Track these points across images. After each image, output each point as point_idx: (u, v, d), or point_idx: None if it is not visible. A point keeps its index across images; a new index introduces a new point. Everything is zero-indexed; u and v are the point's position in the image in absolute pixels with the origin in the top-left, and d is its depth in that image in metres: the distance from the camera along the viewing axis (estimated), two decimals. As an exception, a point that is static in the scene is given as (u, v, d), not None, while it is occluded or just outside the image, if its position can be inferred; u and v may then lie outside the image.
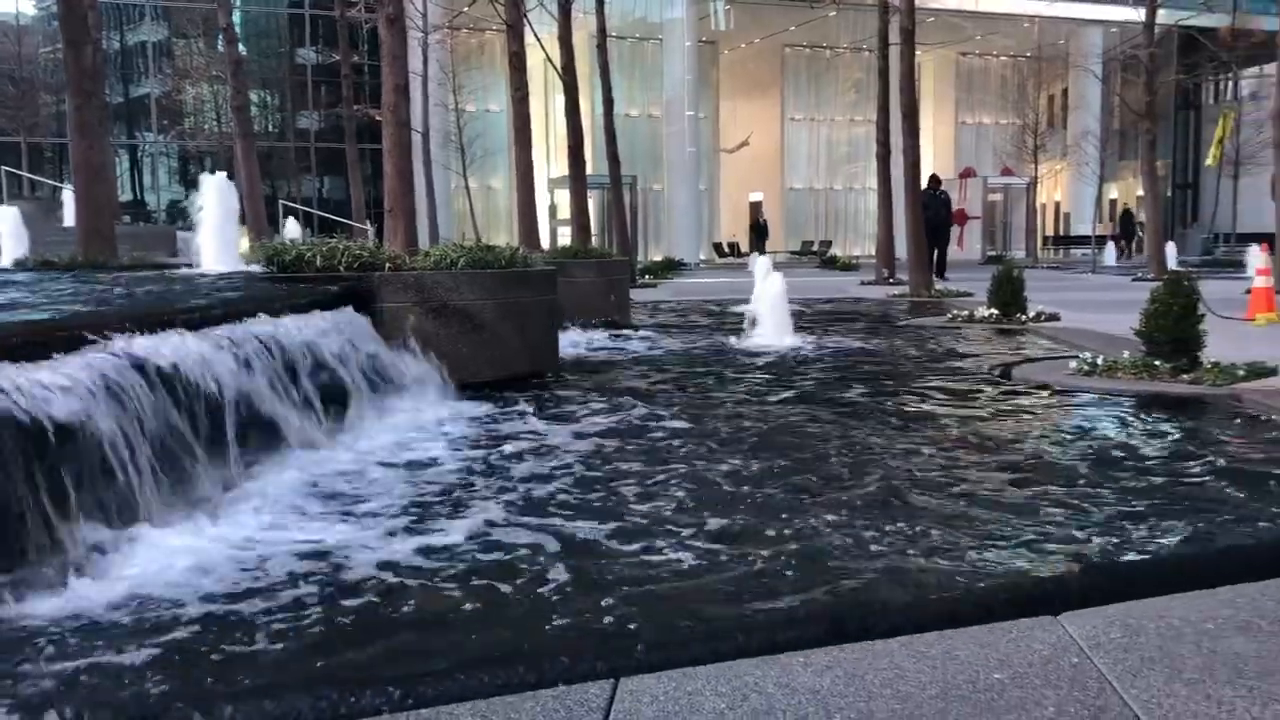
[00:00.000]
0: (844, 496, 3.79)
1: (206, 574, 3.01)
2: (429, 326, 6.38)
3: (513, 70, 14.03)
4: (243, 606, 2.76)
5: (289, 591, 2.87)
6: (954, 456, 4.50)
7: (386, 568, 3.06)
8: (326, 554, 3.20)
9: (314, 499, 3.90)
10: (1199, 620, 2.46)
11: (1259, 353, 6.96)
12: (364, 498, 3.94)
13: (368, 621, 2.66)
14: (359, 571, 3.03)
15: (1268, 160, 18.72)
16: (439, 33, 26.53)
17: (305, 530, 3.48)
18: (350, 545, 3.28)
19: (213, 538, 3.34)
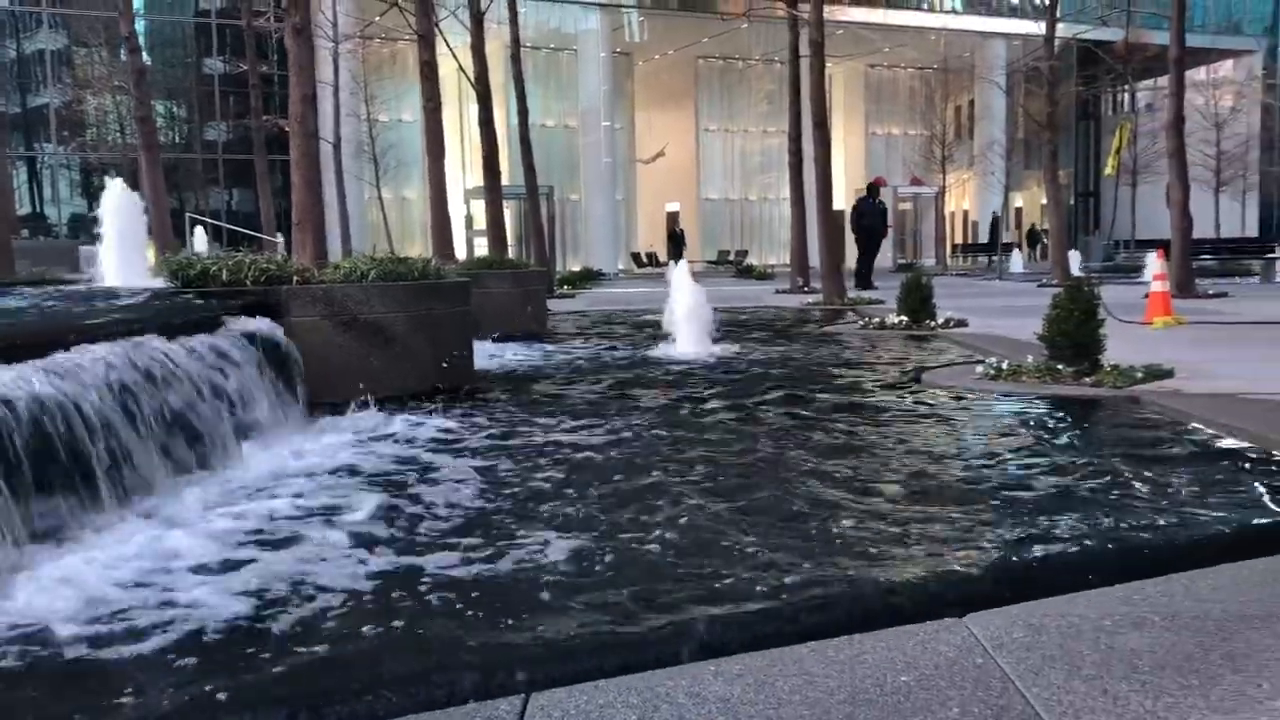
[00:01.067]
0: (754, 503, 3.82)
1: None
2: (339, 340, 6.28)
3: (425, 80, 13.90)
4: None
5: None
6: (862, 461, 4.56)
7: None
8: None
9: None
10: (1097, 618, 2.53)
11: (1156, 355, 7.20)
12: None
13: (274, 644, 2.60)
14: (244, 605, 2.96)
15: (1164, 169, 19.40)
16: (350, 42, 26.24)
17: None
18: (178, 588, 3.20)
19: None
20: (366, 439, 5.29)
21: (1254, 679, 2.14)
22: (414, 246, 30.71)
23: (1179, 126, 16.55)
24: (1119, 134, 12.35)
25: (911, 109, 42.06)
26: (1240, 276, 24.03)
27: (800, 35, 19.69)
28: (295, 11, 7.73)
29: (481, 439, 5.29)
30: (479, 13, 16.97)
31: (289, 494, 4.12)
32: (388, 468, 4.62)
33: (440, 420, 5.80)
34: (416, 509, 3.87)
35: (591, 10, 35.19)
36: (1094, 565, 3.06)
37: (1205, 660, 2.25)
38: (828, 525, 3.52)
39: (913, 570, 3.02)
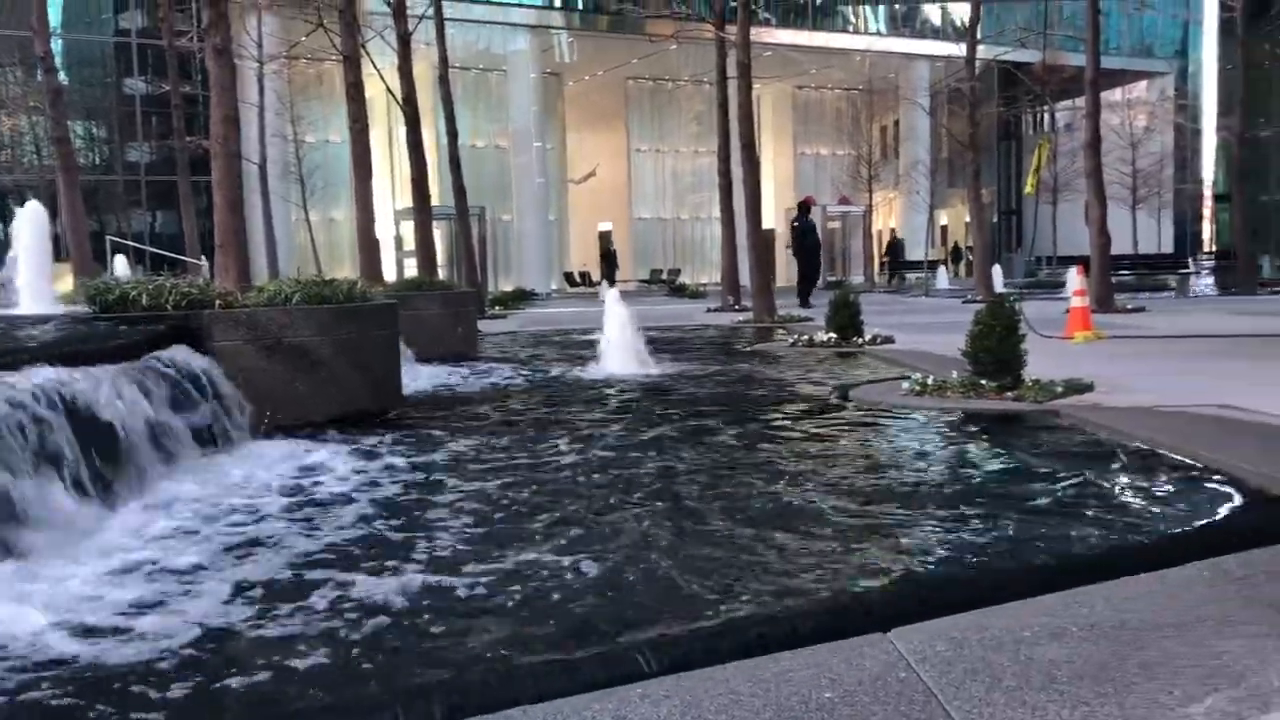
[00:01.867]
0: (679, 524, 3.82)
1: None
2: (263, 365, 6.17)
3: (351, 101, 13.79)
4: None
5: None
6: (788, 478, 4.59)
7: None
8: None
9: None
10: (1017, 630, 2.56)
11: (1077, 369, 7.37)
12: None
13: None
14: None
15: (1083, 187, 19.94)
16: (275, 63, 25.93)
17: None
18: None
19: None
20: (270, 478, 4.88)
21: (1167, 686, 2.19)
22: (343, 268, 30.37)
23: (1096, 146, 17.03)
24: (1038, 153, 12.64)
25: (839, 129, 42.72)
26: (1157, 291, 24.73)
27: (728, 57, 19.89)
28: (216, 32, 7.62)
29: (398, 468, 5.21)
30: (406, 34, 16.90)
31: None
32: (285, 508, 4.24)
33: (361, 447, 5.72)
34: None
35: (520, 31, 35.23)
36: (1015, 577, 3.11)
37: (1121, 669, 2.29)
38: (752, 543, 3.53)
39: (839, 586, 3.05)
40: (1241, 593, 2.77)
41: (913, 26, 41.92)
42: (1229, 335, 11.21)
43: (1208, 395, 6.31)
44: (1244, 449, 4.63)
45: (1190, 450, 4.70)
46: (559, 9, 37.28)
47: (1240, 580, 2.88)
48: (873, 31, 41.81)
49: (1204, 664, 2.30)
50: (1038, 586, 2.91)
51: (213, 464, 5.03)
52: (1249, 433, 5.04)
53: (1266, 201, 38.19)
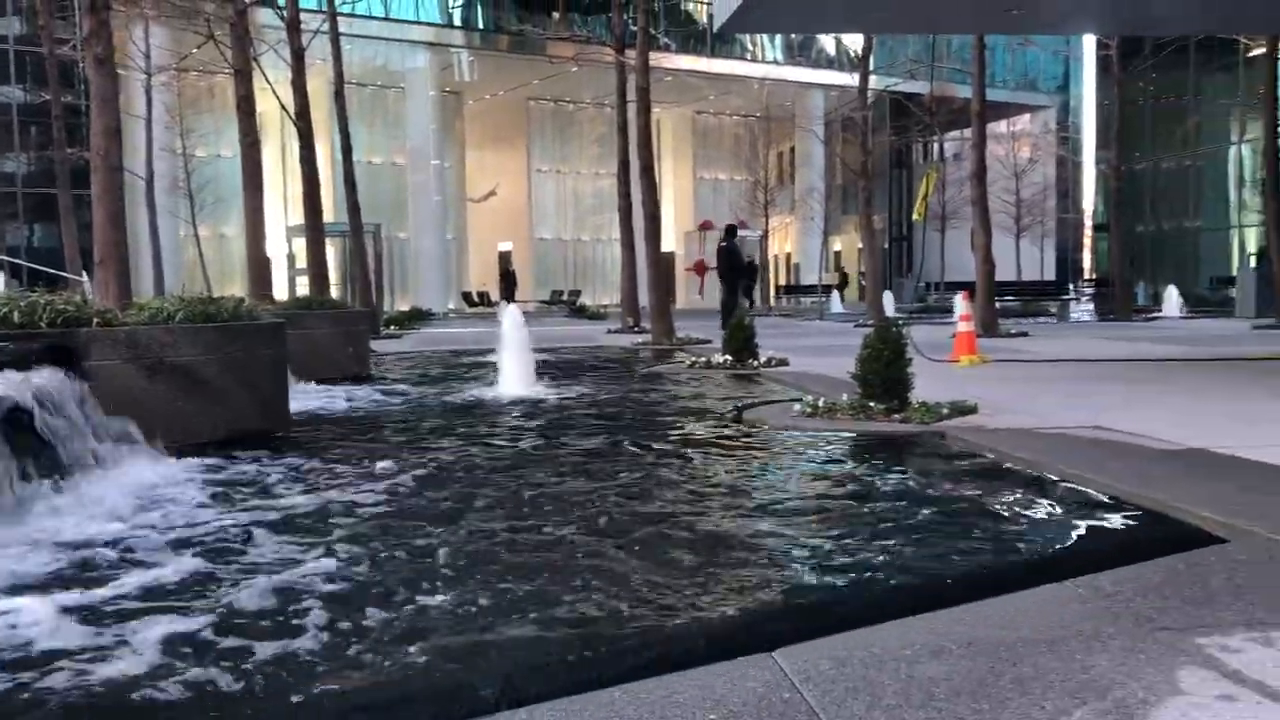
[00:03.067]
0: (562, 545, 3.80)
1: None
2: (144, 386, 5.96)
3: (242, 116, 13.49)
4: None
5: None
6: (678, 498, 4.61)
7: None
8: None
9: None
10: (899, 648, 2.61)
11: (962, 392, 7.57)
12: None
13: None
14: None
15: (970, 215, 20.55)
16: (164, 75, 25.27)
17: None
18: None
19: None
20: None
21: (1039, 701, 2.25)
22: (233, 286, 29.64)
23: (981, 175, 17.62)
24: (926, 182, 13.04)
25: (736, 155, 43.38)
26: (1039, 317, 25.65)
27: (628, 81, 20.05)
28: (97, 41, 7.37)
29: (272, 490, 5.08)
30: (299, 48, 16.64)
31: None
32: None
33: (234, 470, 5.56)
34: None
35: (419, 49, 34.97)
36: (900, 596, 3.17)
37: (996, 685, 2.35)
38: (640, 563, 3.52)
39: (726, 607, 3.06)
40: (1111, 608, 2.87)
41: (808, 56, 42.84)
42: (1106, 360, 11.67)
43: (1085, 417, 6.55)
44: (1118, 469, 4.81)
45: (1068, 471, 4.86)
46: (458, 28, 37.13)
47: (1111, 596, 2.98)
48: (770, 60, 42.61)
49: (1074, 678, 2.37)
50: (921, 605, 2.97)
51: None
52: (1123, 453, 5.24)
53: (1142, 231, 39.93)
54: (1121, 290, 25.35)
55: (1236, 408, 7.15)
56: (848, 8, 11.77)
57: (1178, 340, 15.54)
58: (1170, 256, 39.29)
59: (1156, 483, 4.47)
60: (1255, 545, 3.47)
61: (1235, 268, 31.54)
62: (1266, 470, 4.70)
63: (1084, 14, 12.73)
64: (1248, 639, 2.60)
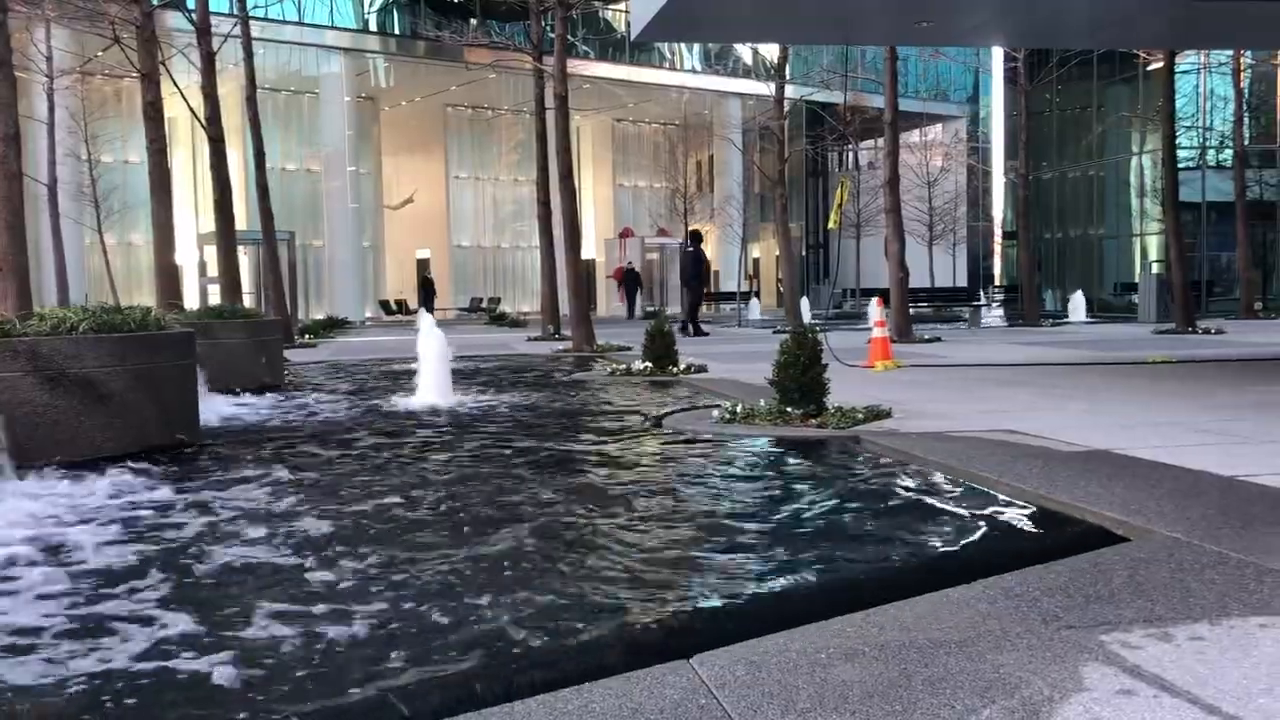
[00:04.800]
0: (477, 554, 3.77)
1: None
2: (45, 399, 5.78)
3: (149, 121, 13.16)
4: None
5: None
6: (595, 506, 4.61)
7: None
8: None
9: None
10: (813, 652, 2.64)
11: (877, 396, 7.70)
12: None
13: None
14: None
15: (883, 223, 20.90)
16: (67, 78, 24.53)
17: None
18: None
19: None
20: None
21: (949, 701, 2.29)
22: (142, 295, 28.85)
23: (895, 184, 17.95)
24: (840, 190, 13.23)
25: (656, 162, 43.55)
26: (951, 323, 26.20)
27: (546, 88, 20.01)
28: (-6, 42, 7.13)
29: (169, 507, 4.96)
30: (209, 52, 16.29)
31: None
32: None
33: (140, 484, 5.41)
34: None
35: (333, 54, 34.46)
36: (814, 600, 3.21)
37: (908, 687, 2.39)
38: (552, 574, 3.52)
39: (642, 614, 3.07)
40: (1019, 608, 2.94)
41: (726, 65, 43.23)
42: (1015, 364, 11.97)
43: (995, 421, 6.71)
44: (1025, 471, 4.93)
45: (977, 473, 4.97)
46: (374, 33, 36.69)
47: (1018, 596, 3.05)
48: (688, 69, 42.90)
49: (983, 678, 2.42)
50: (834, 609, 3.01)
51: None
52: (1030, 456, 5.38)
53: (1049, 239, 41.06)
54: (1030, 296, 26.02)
55: (1137, 410, 7.39)
56: (762, 18, 11.90)
57: (1083, 345, 16.01)
58: (1076, 263, 40.44)
59: (1061, 484, 4.60)
60: (1155, 544, 3.59)
61: (1138, 274, 32.62)
62: (1165, 470, 4.86)
63: (990, 27, 13.05)
64: (1147, 635, 2.68)
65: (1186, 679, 2.38)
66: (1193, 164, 33.70)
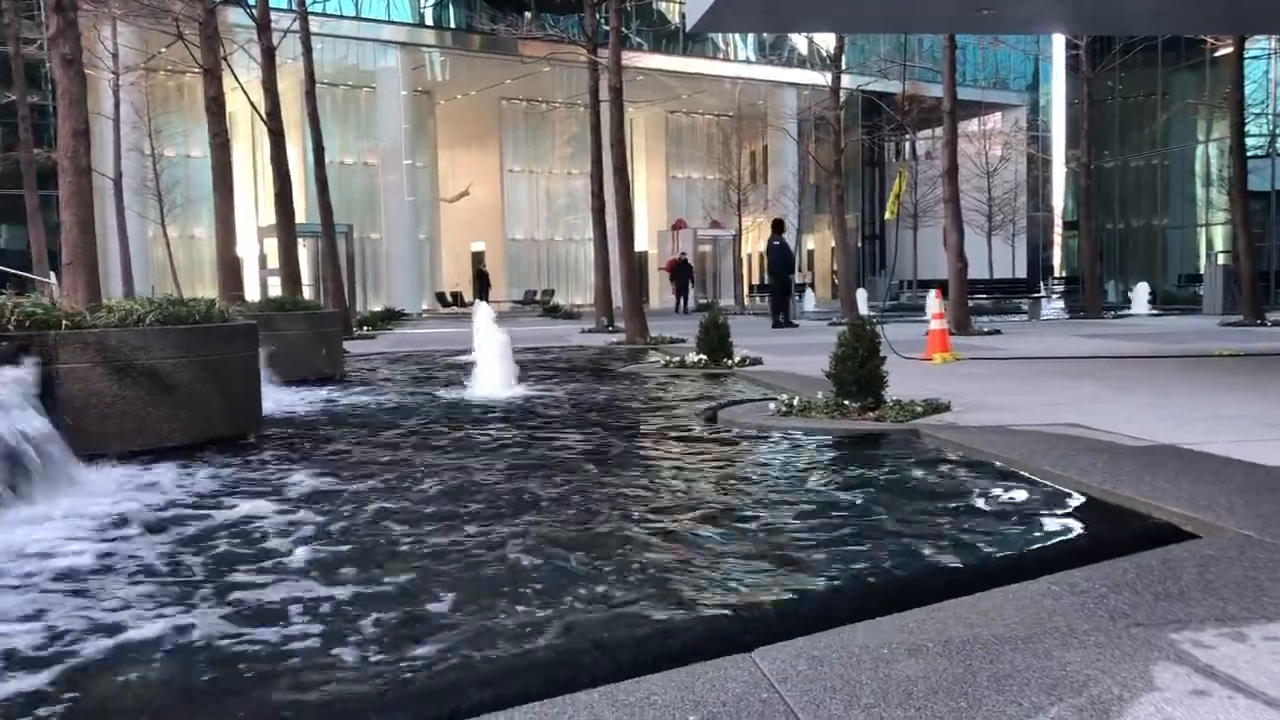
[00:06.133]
0: (540, 546, 3.79)
1: None
2: (114, 389, 5.91)
3: (211, 116, 13.39)
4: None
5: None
6: (654, 499, 4.61)
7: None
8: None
9: None
10: (876, 647, 2.62)
11: (936, 389, 7.62)
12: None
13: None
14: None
15: (941, 214, 20.67)
16: (133, 74, 25.02)
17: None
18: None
19: None
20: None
21: (1015, 698, 2.26)
22: (203, 287, 29.42)
23: (953, 174, 17.72)
24: (899, 180, 13.07)
25: (709, 154, 43.41)
26: (1011, 315, 25.84)
27: (600, 80, 20.04)
28: (64, 41, 7.28)
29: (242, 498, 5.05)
30: (270, 47, 16.52)
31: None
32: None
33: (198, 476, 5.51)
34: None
35: (390, 48, 34.79)
36: (876, 594, 3.18)
37: (973, 683, 2.36)
38: (617, 565, 3.52)
39: (703, 608, 3.06)
40: (1085, 605, 2.89)
41: (781, 55, 42.95)
42: (1077, 357, 11.77)
43: (1057, 414, 6.61)
44: (1089, 466, 4.85)
45: (1040, 467, 4.90)
46: (430, 27, 36.97)
47: (1084, 593, 3.00)
48: (742, 59, 42.69)
49: (1050, 675, 2.38)
50: (896, 603, 2.98)
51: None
52: (1095, 450, 5.28)
53: (1111, 229, 40.29)
54: (1091, 288, 25.57)
55: (1204, 403, 7.22)
56: (819, 8, 11.80)
57: (1147, 337, 15.70)
58: (1139, 254, 39.67)
59: (1127, 479, 4.51)
60: (1225, 541, 3.50)
61: (1203, 265, 31.89)
62: (1235, 465, 4.75)
63: (1053, 14, 12.82)
64: (1220, 634, 2.62)
65: (1262, 680, 2.33)
66: (1261, 152, 32.83)
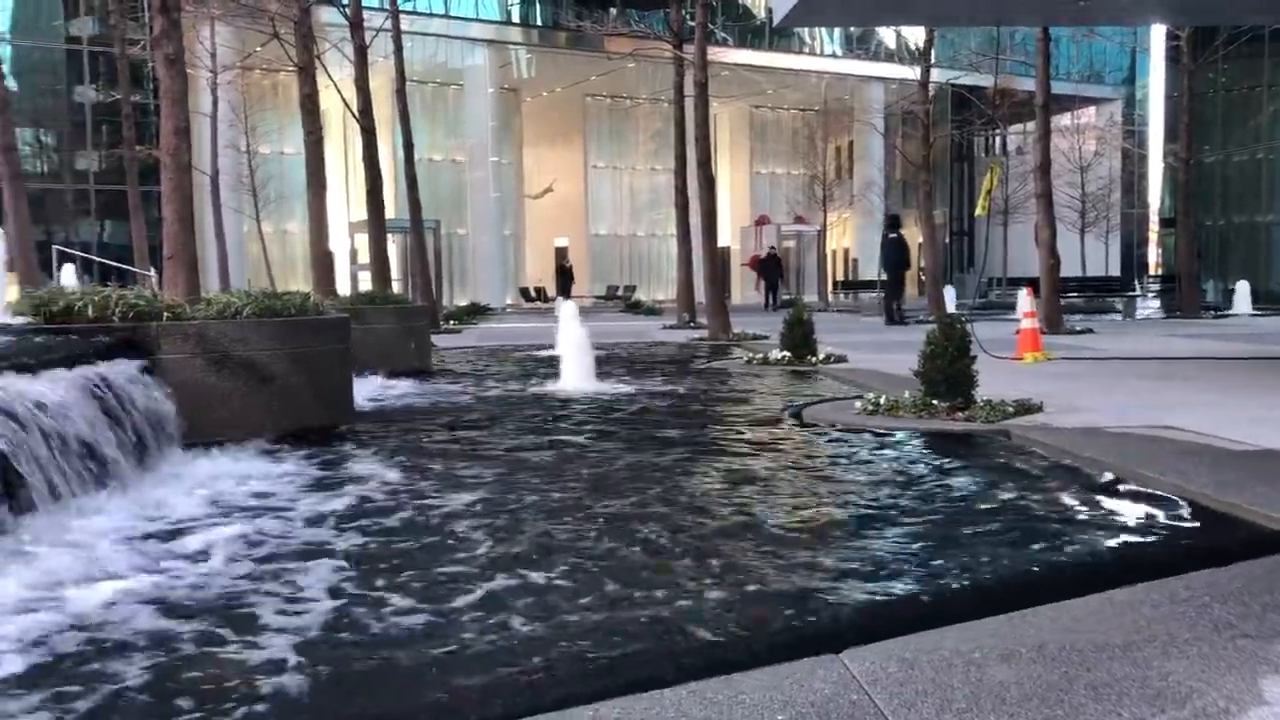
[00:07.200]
0: (633, 544, 3.80)
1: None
2: (212, 379, 6.08)
3: (306, 114, 13.69)
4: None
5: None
6: (742, 498, 4.59)
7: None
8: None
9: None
10: (968, 651, 2.57)
11: (1027, 390, 7.45)
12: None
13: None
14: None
15: (1033, 210, 20.20)
16: (229, 73, 25.68)
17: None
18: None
19: None
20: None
21: (1115, 708, 2.20)
22: (296, 281, 30.06)
23: (1046, 169, 17.31)
24: (989, 175, 12.80)
25: (794, 149, 43.04)
26: (1104, 314, 25.17)
27: (685, 75, 20.01)
28: (168, 41, 7.52)
29: (334, 490, 5.15)
30: (362, 46, 16.82)
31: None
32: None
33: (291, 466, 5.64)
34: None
35: (478, 46, 35.18)
36: (966, 598, 3.13)
37: (1070, 691, 2.31)
38: (702, 564, 3.52)
39: (791, 606, 3.04)
40: (1187, 614, 2.80)
41: (868, 49, 42.38)
42: (1174, 358, 11.41)
43: (1153, 416, 6.42)
44: (1189, 470, 4.70)
45: (1136, 471, 4.77)
46: (517, 25, 37.28)
47: (1185, 601, 2.91)
48: (828, 53, 42.24)
49: (1151, 685, 2.32)
50: (987, 607, 2.93)
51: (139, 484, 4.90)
52: (1193, 454, 5.12)
53: (1211, 226, 38.98)
54: (1189, 286, 24.77)
55: (1313, 408, 6.95)
56: (910, 1, 11.63)
57: (1248, 338, 15.16)
58: (1241, 252, 38.32)
59: (1229, 485, 4.36)
60: (1337, 551, 3.37)
61: (1310, 263, 30.70)
62: (1346, 473, 4.57)
63: (1150, 4, 12.45)
64: (1331, 648, 2.53)
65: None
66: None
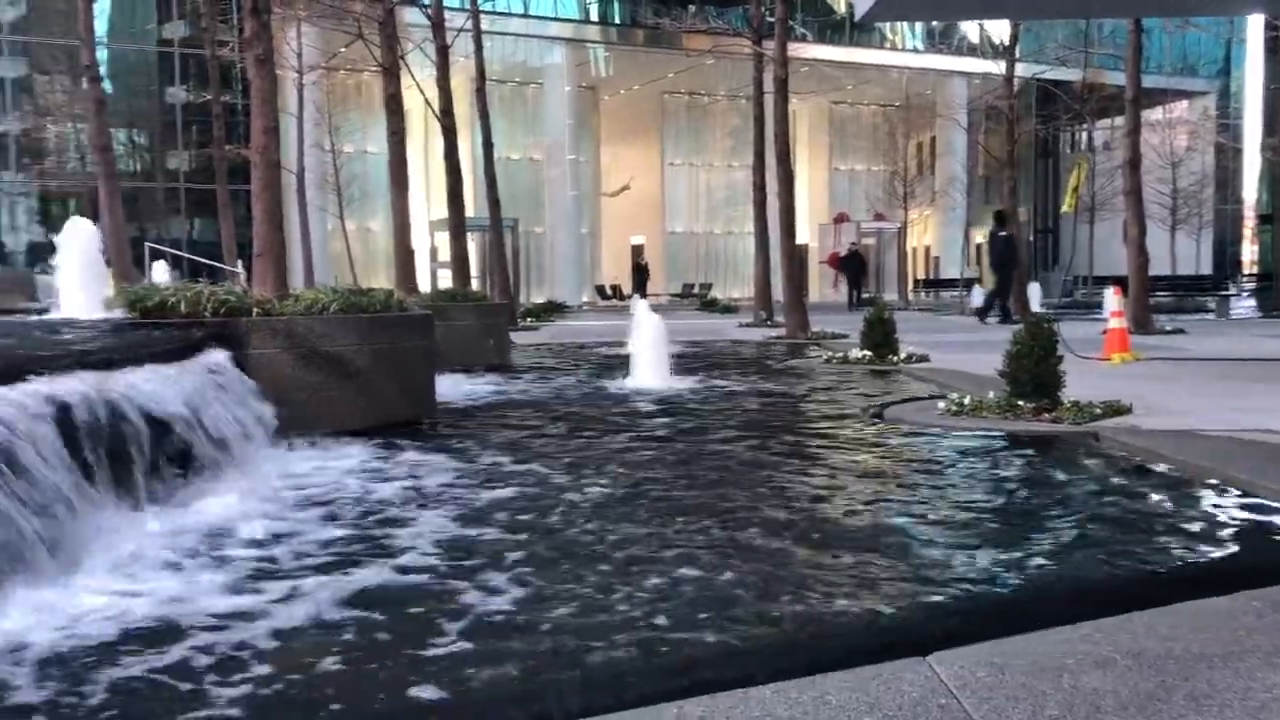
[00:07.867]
0: (715, 543, 3.79)
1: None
2: (300, 373, 6.21)
3: (389, 113, 13.90)
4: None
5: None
6: (825, 498, 4.55)
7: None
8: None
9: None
10: (1061, 656, 2.51)
11: (1115, 391, 7.27)
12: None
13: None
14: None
15: (1121, 207, 19.73)
16: (315, 73, 26.20)
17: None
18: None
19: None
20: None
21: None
22: (378, 278, 30.59)
23: (1136, 165, 16.87)
24: (1077, 172, 12.52)
25: (874, 145, 42.57)
26: (1196, 313, 24.45)
27: (765, 72, 19.90)
28: (258, 43, 7.69)
29: (426, 481, 5.22)
30: (444, 46, 17.04)
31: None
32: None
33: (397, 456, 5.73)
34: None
35: (556, 45, 35.44)
36: (1057, 602, 3.06)
37: (1168, 700, 2.24)
38: (787, 564, 3.49)
39: (877, 608, 3.01)
40: (1290, 624, 2.71)
41: (950, 44, 41.74)
42: (1270, 359, 11.04)
43: (1248, 419, 6.21)
44: (1289, 476, 4.54)
45: (1232, 475, 4.62)
46: (595, 23, 37.46)
47: (1289, 611, 2.81)
48: (910, 48, 41.71)
49: (1254, 697, 2.24)
50: (1080, 613, 2.86)
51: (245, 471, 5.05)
52: (1294, 459, 4.95)
53: (1310, 223, 37.62)
54: (1287, 285, 23.96)
55: None
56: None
57: (1351, 339, 14.60)
58: (1342, 250, 36.90)
59: (1335, 491, 4.21)
60: None
61: None
62: None
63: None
64: None
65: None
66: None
